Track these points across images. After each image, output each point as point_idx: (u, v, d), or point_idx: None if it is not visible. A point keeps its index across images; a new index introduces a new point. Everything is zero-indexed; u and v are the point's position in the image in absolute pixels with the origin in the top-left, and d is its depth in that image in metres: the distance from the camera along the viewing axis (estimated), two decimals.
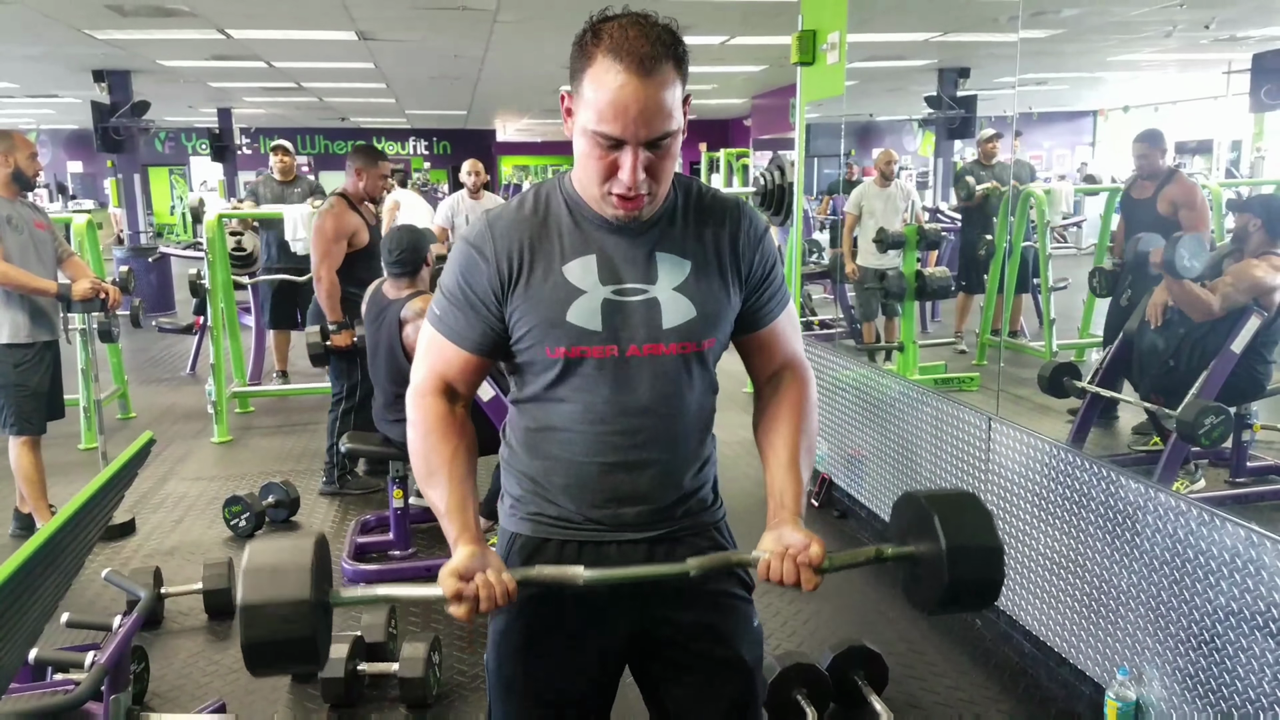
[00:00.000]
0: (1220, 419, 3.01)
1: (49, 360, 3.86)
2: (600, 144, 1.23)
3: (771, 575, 1.30)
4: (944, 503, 1.34)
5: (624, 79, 1.19)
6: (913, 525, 1.35)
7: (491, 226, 1.35)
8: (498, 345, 1.38)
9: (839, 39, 4.10)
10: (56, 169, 19.26)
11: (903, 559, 1.36)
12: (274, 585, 1.19)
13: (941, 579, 1.27)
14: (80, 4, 6.71)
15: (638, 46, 1.19)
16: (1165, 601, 2.27)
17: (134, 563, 3.73)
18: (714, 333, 1.37)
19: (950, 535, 1.28)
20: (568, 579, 1.27)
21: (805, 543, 1.30)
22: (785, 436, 1.44)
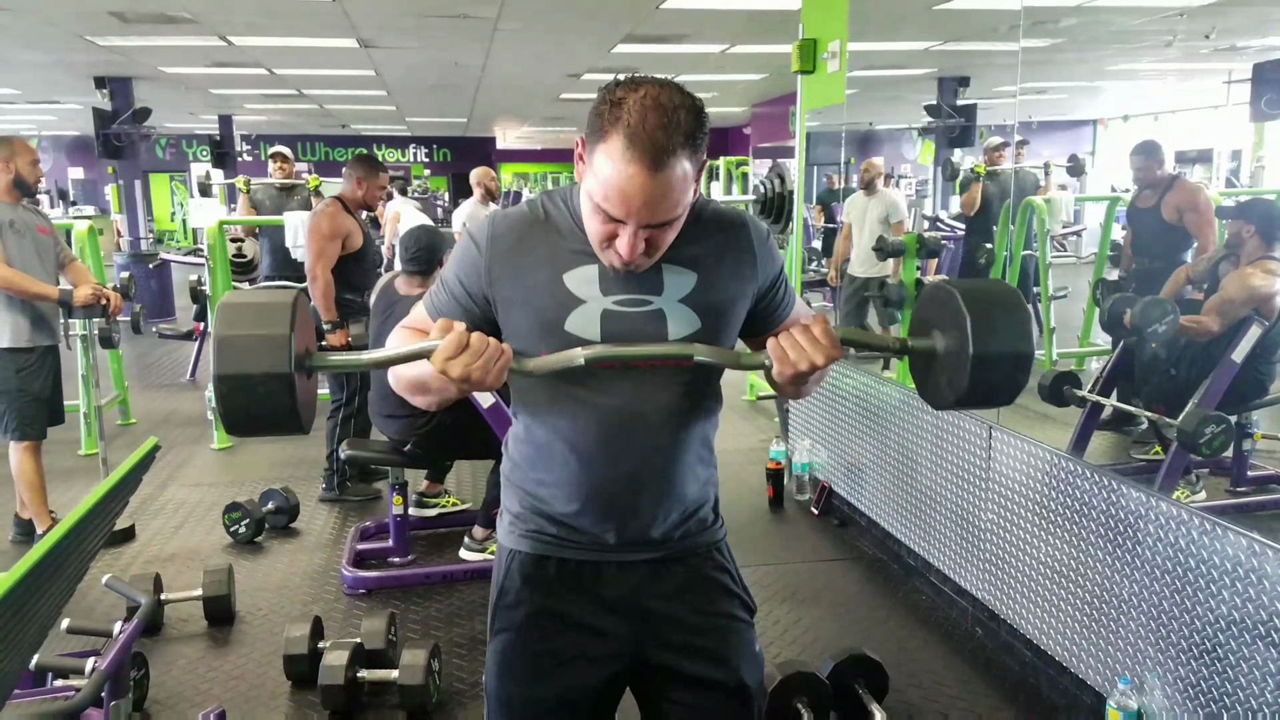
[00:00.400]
0: (1221, 428, 3.01)
1: (50, 365, 3.86)
2: (601, 215, 1.22)
3: (784, 344, 1.23)
4: (977, 298, 1.23)
5: (633, 171, 1.16)
6: (935, 316, 1.27)
7: (494, 224, 1.35)
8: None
9: (840, 48, 4.12)
10: (58, 175, 19.27)
11: (922, 353, 1.28)
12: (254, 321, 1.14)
13: (962, 381, 1.20)
14: (83, 11, 6.73)
15: (654, 137, 1.16)
16: (1166, 610, 2.27)
17: (134, 569, 3.73)
18: (719, 344, 1.36)
19: (979, 339, 1.18)
20: (568, 361, 1.23)
21: (813, 317, 1.25)
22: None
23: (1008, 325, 1.21)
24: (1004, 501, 2.94)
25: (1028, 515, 2.82)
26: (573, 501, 1.36)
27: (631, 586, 1.39)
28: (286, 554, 3.93)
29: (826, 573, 3.70)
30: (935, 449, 3.34)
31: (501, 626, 1.42)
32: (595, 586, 1.39)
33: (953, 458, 3.23)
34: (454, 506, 4.24)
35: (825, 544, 3.98)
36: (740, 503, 4.39)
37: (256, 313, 1.16)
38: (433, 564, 3.74)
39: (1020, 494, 2.86)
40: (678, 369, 1.33)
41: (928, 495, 3.42)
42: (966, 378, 1.20)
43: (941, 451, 3.30)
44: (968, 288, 1.25)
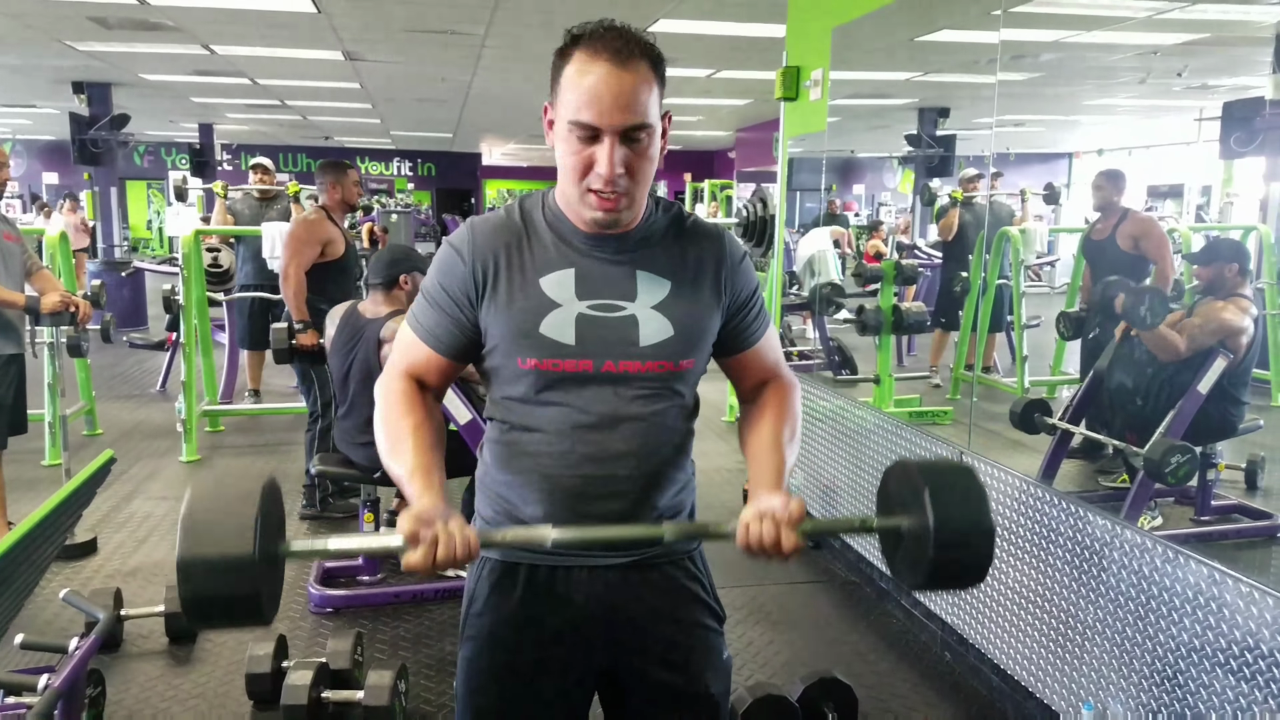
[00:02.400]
0: (1186, 458, 3.04)
1: (13, 374, 3.79)
2: (578, 136, 1.26)
3: (751, 539, 1.25)
4: (936, 475, 1.25)
5: (599, 68, 1.23)
6: (901, 495, 1.28)
7: (473, 229, 1.37)
8: (469, 349, 1.38)
9: (822, 76, 4.16)
10: (31, 180, 19.09)
11: (888, 532, 1.29)
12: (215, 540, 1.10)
13: (926, 556, 1.20)
14: (63, 15, 6.69)
15: (613, 42, 1.24)
16: (1130, 637, 2.28)
17: (94, 583, 3.66)
18: (692, 354, 1.37)
19: (939, 513, 1.19)
20: (535, 540, 1.23)
21: (784, 502, 1.25)
22: (768, 426, 1.43)
23: (966, 499, 1.23)
24: None
25: (997, 541, 2.83)
26: (540, 504, 1.36)
27: (601, 592, 1.39)
28: None
29: (799, 595, 3.70)
30: None
31: (471, 634, 1.43)
32: (565, 593, 1.39)
33: None
34: None
35: (798, 566, 3.98)
36: None
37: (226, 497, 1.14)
38: (402, 583, 3.70)
39: None
40: (653, 375, 1.34)
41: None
42: (930, 566, 1.21)
43: None
44: (926, 465, 1.28)
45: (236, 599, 1.11)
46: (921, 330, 5.98)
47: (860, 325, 5.33)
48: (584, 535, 1.26)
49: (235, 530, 1.10)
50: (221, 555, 1.09)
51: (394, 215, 17.22)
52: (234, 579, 1.09)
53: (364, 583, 3.66)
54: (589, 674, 1.43)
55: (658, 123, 1.29)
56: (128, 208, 18.65)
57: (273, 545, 1.16)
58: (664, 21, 6.46)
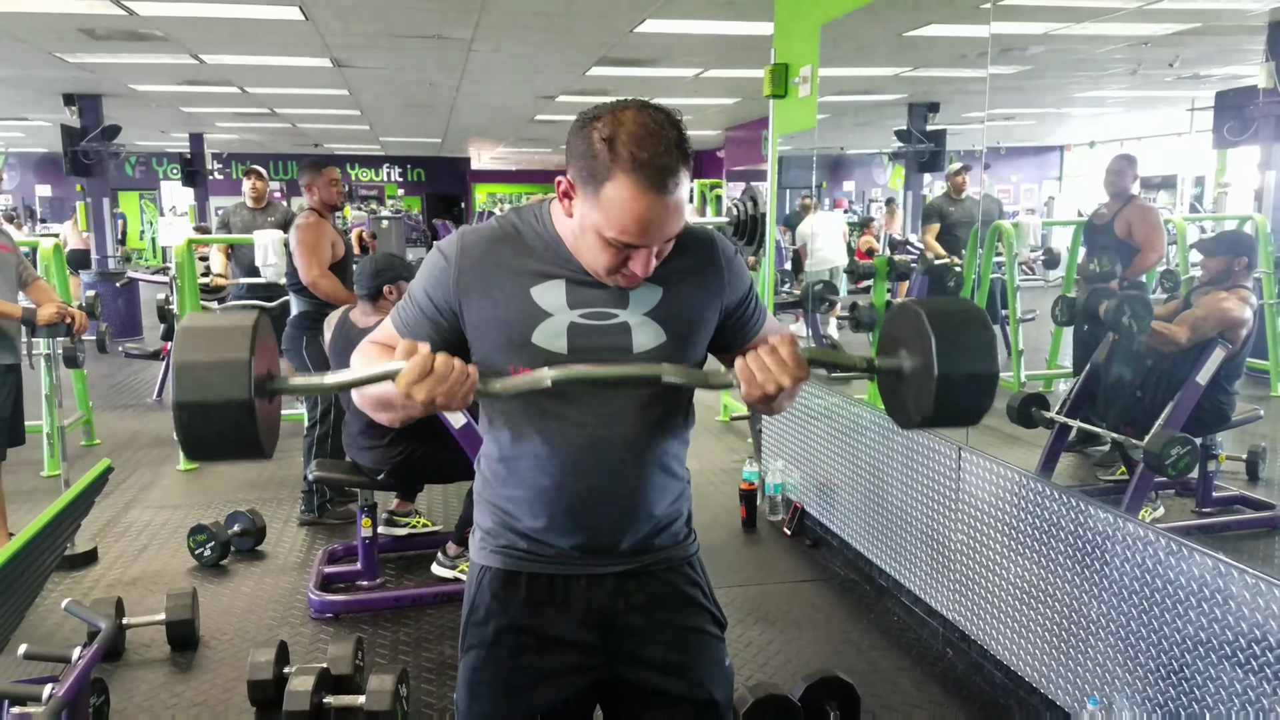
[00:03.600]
0: (1187, 449, 3.04)
1: (11, 385, 3.79)
2: (616, 247, 1.25)
3: (751, 365, 1.22)
4: (942, 318, 1.23)
5: (649, 200, 1.20)
6: (902, 336, 1.27)
7: (464, 238, 1.37)
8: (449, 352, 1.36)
9: (811, 73, 4.16)
10: (25, 192, 19.03)
11: (890, 372, 1.29)
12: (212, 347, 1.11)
13: (927, 401, 1.20)
14: (52, 27, 6.67)
15: (657, 163, 1.19)
16: (1134, 631, 2.28)
17: (95, 593, 3.65)
18: (683, 359, 1.37)
19: (944, 358, 1.18)
20: (534, 382, 1.21)
21: (781, 337, 1.25)
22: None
23: (972, 345, 1.22)
24: (973, 522, 2.96)
25: (997, 536, 2.84)
26: (540, 517, 1.37)
27: (601, 600, 1.39)
28: (252, 577, 3.86)
29: (798, 594, 3.70)
30: (906, 470, 3.36)
31: (472, 643, 1.42)
32: (565, 601, 1.39)
33: (923, 479, 3.24)
34: (424, 528, 4.20)
35: (797, 565, 3.98)
36: (713, 523, 4.37)
37: (216, 337, 1.14)
38: (402, 587, 3.69)
39: (990, 515, 2.88)
40: (654, 391, 1.34)
41: (899, 516, 3.43)
42: (932, 398, 1.20)
43: (912, 472, 3.32)
44: (933, 307, 1.25)
45: (236, 437, 1.13)
46: None
47: (854, 322, 5.34)
48: (581, 373, 1.23)
49: (229, 372, 1.11)
50: (218, 398, 1.10)
51: (384, 221, 17.21)
52: (232, 418, 1.11)
53: (364, 587, 3.64)
54: (590, 682, 1.42)
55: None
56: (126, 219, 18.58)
57: (267, 380, 1.17)
58: (651, 22, 6.45)
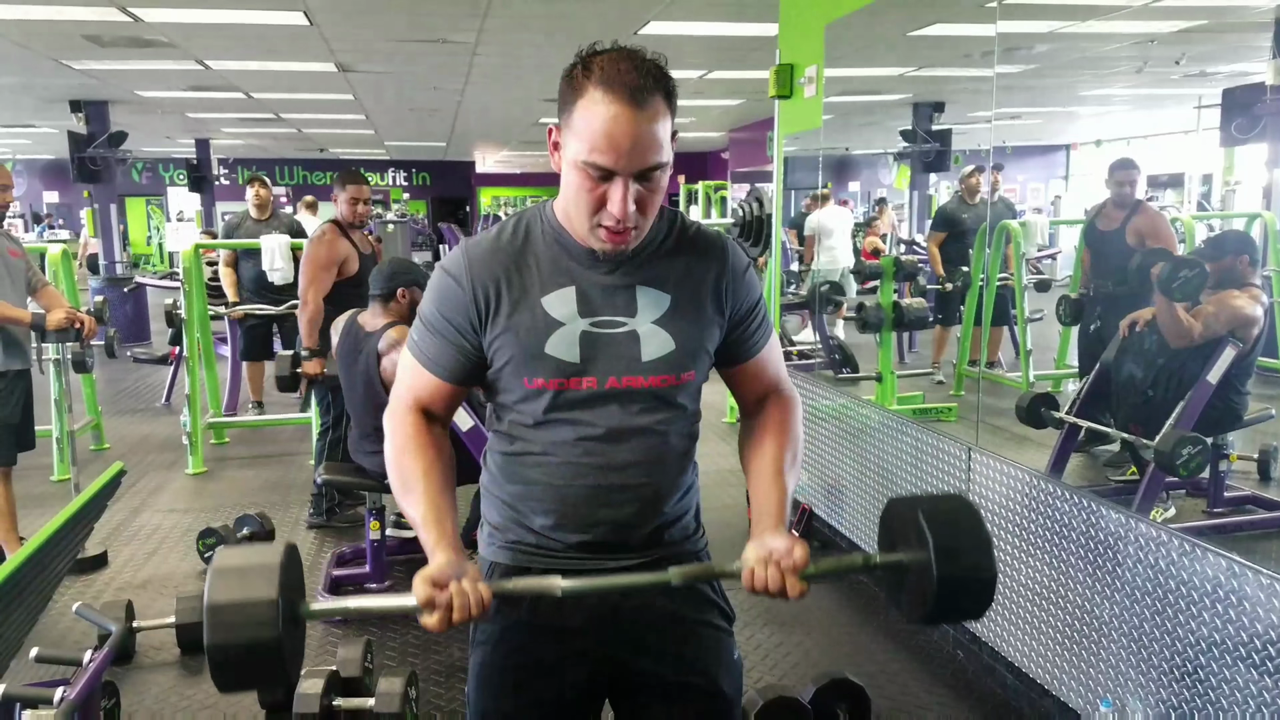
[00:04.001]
0: (1198, 449, 3.03)
1: (20, 390, 3.80)
2: (590, 176, 1.23)
3: (756, 583, 1.28)
4: (931, 506, 1.29)
5: (616, 110, 1.19)
6: (900, 532, 1.31)
7: (468, 254, 1.35)
8: (474, 373, 1.38)
9: (816, 73, 4.16)
10: (32, 199, 19.11)
11: (890, 567, 1.32)
12: (241, 587, 1.16)
13: (930, 586, 1.23)
14: (58, 34, 6.69)
15: (629, 78, 1.20)
16: (1147, 632, 2.27)
17: (106, 596, 3.66)
18: (692, 366, 1.37)
19: (938, 539, 1.23)
20: (545, 589, 1.25)
21: (788, 547, 1.28)
22: (769, 451, 1.44)
23: (969, 547, 1.25)
24: None
25: (1007, 537, 2.83)
26: (548, 514, 1.37)
27: (610, 595, 1.38)
28: None
29: (808, 595, 3.67)
30: (915, 471, 3.35)
31: (481, 639, 1.43)
32: (575, 595, 1.38)
33: (933, 480, 3.23)
34: None
35: None
36: (720, 524, 4.36)
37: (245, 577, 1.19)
38: (411, 589, 3.69)
39: (1000, 515, 2.87)
40: (657, 391, 1.34)
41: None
42: (934, 601, 1.23)
43: (921, 474, 3.31)
44: (929, 507, 1.28)
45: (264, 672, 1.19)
46: (923, 327, 5.97)
47: (861, 323, 5.33)
48: (593, 585, 1.28)
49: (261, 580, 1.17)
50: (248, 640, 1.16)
51: (390, 225, 17.25)
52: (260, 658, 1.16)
53: (372, 590, 3.65)
54: (600, 675, 1.43)
55: (670, 154, 1.27)
56: (128, 224, 18.66)
57: (294, 610, 1.22)
58: (654, 24, 6.45)
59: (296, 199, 20.06)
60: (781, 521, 1.36)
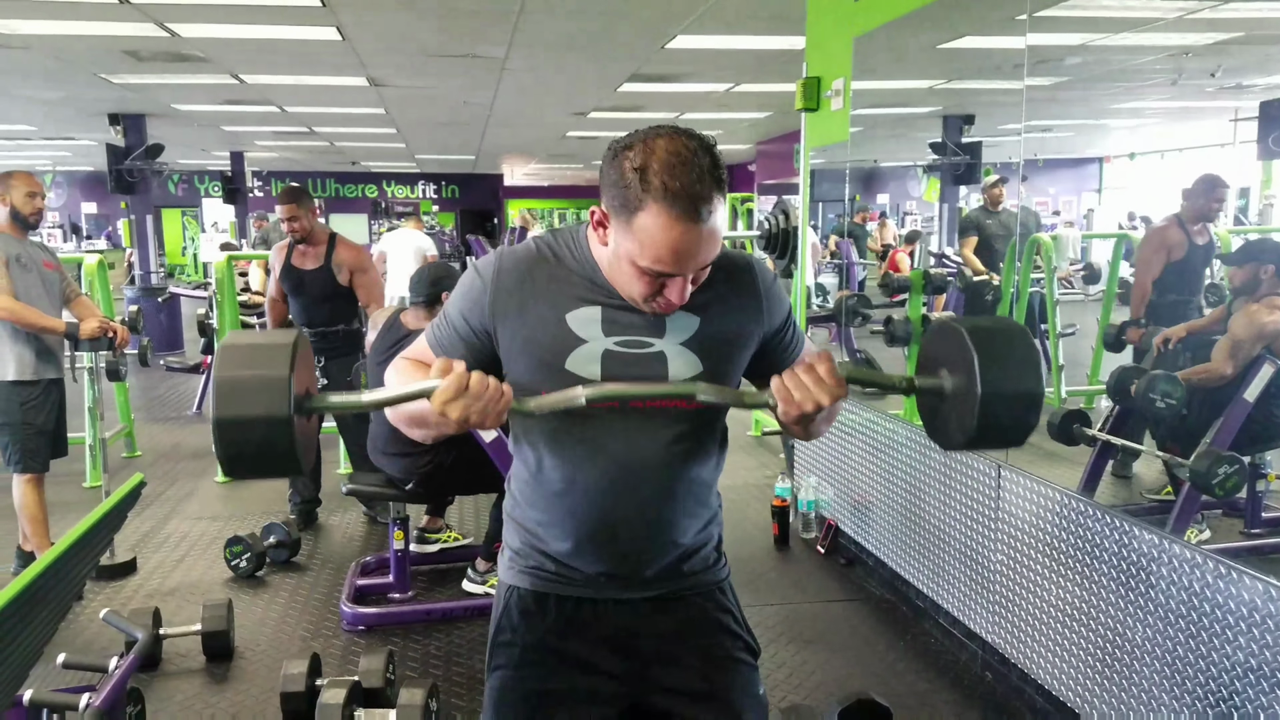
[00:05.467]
0: (1234, 469, 2.96)
1: (55, 398, 3.85)
2: (650, 275, 1.23)
3: (788, 384, 1.20)
4: (985, 336, 1.20)
5: (682, 228, 1.17)
6: (943, 353, 1.25)
7: (500, 259, 1.35)
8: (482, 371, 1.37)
9: (843, 85, 4.14)
10: (71, 210, 19.48)
11: (930, 392, 1.26)
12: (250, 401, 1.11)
13: (970, 422, 1.17)
14: (98, 49, 6.82)
15: (691, 191, 1.16)
16: (1181, 656, 2.22)
17: (134, 603, 3.69)
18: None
19: (988, 378, 1.15)
20: (569, 400, 1.20)
21: (816, 354, 1.23)
22: None
23: (1016, 364, 1.19)
24: (1014, 542, 2.90)
25: (1038, 556, 2.78)
26: (566, 540, 1.36)
27: (630, 625, 1.38)
28: (287, 588, 3.89)
29: (833, 613, 3.64)
30: (943, 488, 3.31)
31: (498, 663, 1.41)
32: (594, 624, 1.38)
33: (961, 497, 3.19)
34: (455, 542, 4.20)
35: (832, 584, 3.93)
36: (745, 540, 4.33)
37: (256, 354, 1.15)
38: (433, 600, 3.70)
39: (1030, 535, 2.82)
40: (680, 411, 1.32)
41: (936, 535, 3.37)
42: (975, 418, 1.17)
43: (950, 490, 3.26)
44: (975, 325, 1.22)
45: (274, 453, 1.14)
46: None
47: (888, 336, 5.28)
48: (617, 391, 1.23)
49: (269, 388, 1.12)
50: (257, 414, 1.11)
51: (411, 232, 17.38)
52: (270, 434, 1.12)
53: (395, 600, 3.65)
54: (618, 708, 1.40)
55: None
56: (163, 235, 18.95)
57: (305, 398, 1.17)
58: (682, 37, 6.46)
59: (330, 211, 20.35)
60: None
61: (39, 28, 6.09)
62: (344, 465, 5.56)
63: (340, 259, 4.37)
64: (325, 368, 4.38)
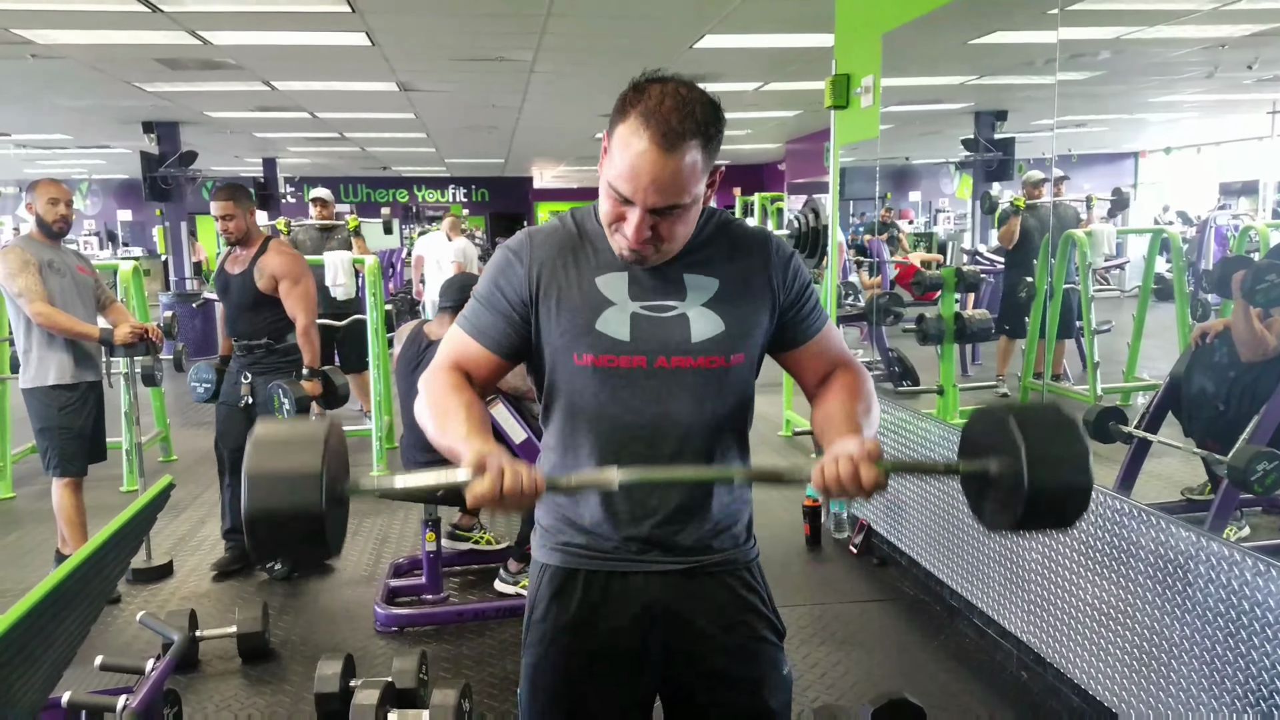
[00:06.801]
0: (1274, 465, 2.90)
1: (93, 402, 3.91)
2: (613, 195, 1.27)
3: (828, 478, 1.20)
4: (1023, 411, 1.20)
5: (644, 146, 1.22)
6: (986, 439, 1.24)
7: (531, 236, 1.42)
8: (518, 348, 1.40)
9: (873, 82, 4.11)
10: (107, 218, 19.79)
11: (975, 475, 1.25)
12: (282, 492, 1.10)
13: (1021, 492, 1.15)
14: (132, 58, 6.94)
15: (667, 118, 1.21)
16: (1220, 655, 2.18)
17: (170, 605, 3.74)
18: (742, 348, 1.38)
19: (1035, 472, 1.14)
20: (602, 483, 1.22)
21: (859, 441, 1.22)
22: (839, 401, 1.40)
23: (1066, 458, 1.17)
24: (1049, 541, 2.86)
25: (1074, 555, 2.74)
26: (596, 507, 1.38)
27: (660, 596, 1.40)
28: (321, 590, 3.93)
29: (866, 614, 3.62)
30: None
31: (533, 641, 1.45)
32: (624, 597, 1.40)
33: None
34: (488, 545, 4.21)
35: (864, 584, 3.90)
36: (777, 541, 4.32)
37: (287, 448, 1.13)
38: (466, 602, 3.72)
39: (1066, 533, 2.78)
40: (709, 372, 1.35)
41: (971, 534, 3.34)
42: (1022, 507, 1.16)
43: None
44: (1023, 414, 1.21)
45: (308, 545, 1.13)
46: (986, 339, 5.85)
47: (921, 334, 5.23)
48: (651, 475, 1.26)
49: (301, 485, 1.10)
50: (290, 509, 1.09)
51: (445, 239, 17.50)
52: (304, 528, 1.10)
53: (428, 601, 3.68)
54: (649, 680, 1.44)
55: (699, 195, 1.28)
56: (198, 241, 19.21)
57: (339, 486, 1.16)
58: (710, 37, 6.46)
59: (361, 215, 20.52)
60: (856, 431, 1.30)
61: (73, 37, 6.21)
62: (376, 467, 5.61)
63: (264, 265, 3.87)
64: (251, 384, 3.94)
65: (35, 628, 1.18)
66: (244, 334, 3.98)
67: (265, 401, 3.87)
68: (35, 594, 1.17)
